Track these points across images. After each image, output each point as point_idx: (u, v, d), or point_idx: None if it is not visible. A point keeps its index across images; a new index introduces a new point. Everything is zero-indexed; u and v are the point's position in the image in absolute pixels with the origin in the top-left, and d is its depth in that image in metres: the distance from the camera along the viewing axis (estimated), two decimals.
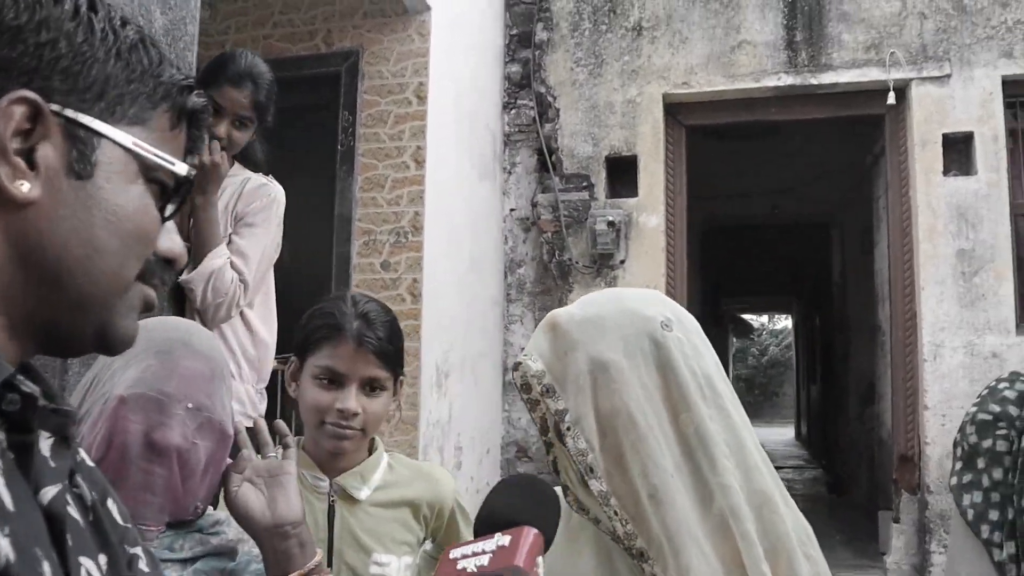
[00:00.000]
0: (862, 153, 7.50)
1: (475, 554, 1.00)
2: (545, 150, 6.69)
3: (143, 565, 0.90)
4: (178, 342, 1.40)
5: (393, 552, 1.89)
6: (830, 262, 11.97)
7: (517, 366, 1.28)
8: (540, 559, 1.01)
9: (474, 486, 5.88)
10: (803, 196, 10.20)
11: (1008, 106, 6.19)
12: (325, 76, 5.19)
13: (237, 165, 2.88)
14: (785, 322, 27.40)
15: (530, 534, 1.01)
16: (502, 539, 1.01)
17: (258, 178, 2.87)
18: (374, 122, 5.07)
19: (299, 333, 1.88)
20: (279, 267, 3.04)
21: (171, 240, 0.89)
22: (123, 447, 1.31)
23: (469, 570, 0.97)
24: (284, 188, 2.96)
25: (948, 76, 6.21)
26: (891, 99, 6.19)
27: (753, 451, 1.24)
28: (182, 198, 0.89)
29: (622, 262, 6.41)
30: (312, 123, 5.15)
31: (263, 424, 1.45)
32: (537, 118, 6.76)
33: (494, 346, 6.51)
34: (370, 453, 1.94)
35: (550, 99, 6.77)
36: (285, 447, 1.43)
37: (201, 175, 2.62)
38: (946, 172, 6.15)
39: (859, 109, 6.51)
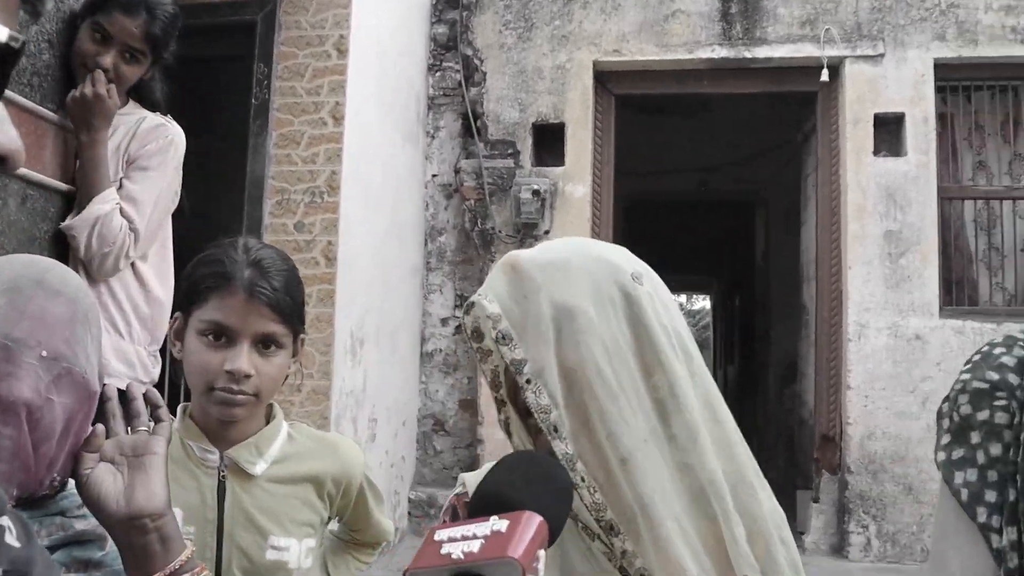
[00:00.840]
0: (793, 131, 7.46)
1: (464, 538, 0.85)
2: (470, 115, 6.49)
3: (11, 539, 0.77)
4: (31, 280, 1.18)
5: (293, 534, 1.66)
6: (754, 242, 11.99)
7: (469, 308, 1.13)
8: (541, 553, 0.86)
9: (388, 460, 5.69)
10: (732, 174, 10.15)
11: (939, 90, 6.20)
12: (240, 25, 4.91)
13: (132, 103, 2.63)
14: (703, 303, 27.69)
15: (532, 521, 0.86)
16: (498, 523, 0.86)
17: (155, 118, 2.61)
18: (291, 75, 4.80)
19: (184, 283, 1.64)
20: (184, 227, 2.81)
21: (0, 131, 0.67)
22: None
23: (455, 556, 0.83)
24: (194, 142, 2.71)
25: (882, 56, 6.17)
26: (824, 76, 6.16)
27: (727, 423, 1.13)
28: (6, 73, 0.67)
29: (546, 232, 6.25)
30: (225, 74, 4.87)
31: (137, 390, 1.22)
32: (463, 81, 6.54)
33: (412, 315, 6.31)
34: (268, 422, 1.71)
35: (477, 62, 6.55)
36: (156, 420, 1.20)
37: (85, 108, 2.38)
38: (876, 152, 6.15)
39: (792, 85, 6.46)
